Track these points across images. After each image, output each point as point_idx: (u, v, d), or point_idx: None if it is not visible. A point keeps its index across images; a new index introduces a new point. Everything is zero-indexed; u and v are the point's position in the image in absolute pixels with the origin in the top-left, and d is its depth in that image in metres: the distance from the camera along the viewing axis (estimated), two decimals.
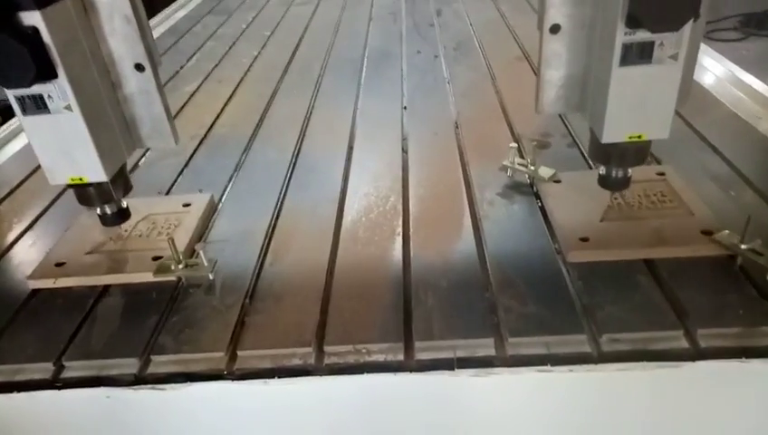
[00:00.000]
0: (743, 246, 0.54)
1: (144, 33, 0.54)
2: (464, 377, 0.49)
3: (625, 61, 0.50)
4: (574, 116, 0.86)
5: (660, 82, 0.51)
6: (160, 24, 1.61)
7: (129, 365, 0.51)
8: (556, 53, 0.55)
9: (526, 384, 0.50)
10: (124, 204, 0.64)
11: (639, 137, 0.55)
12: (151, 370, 0.51)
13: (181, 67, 1.26)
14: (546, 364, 0.49)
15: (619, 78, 0.51)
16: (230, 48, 1.35)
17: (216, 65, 1.25)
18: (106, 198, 0.61)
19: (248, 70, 1.20)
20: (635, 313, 0.51)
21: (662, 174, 0.67)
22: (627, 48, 0.50)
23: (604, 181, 0.61)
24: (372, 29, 1.40)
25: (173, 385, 0.50)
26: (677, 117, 0.83)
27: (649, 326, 0.50)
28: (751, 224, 0.53)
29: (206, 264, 0.59)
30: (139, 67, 0.57)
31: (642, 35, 0.49)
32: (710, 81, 0.96)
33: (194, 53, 1.34)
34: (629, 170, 0.59)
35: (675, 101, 0.53)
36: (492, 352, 0.50)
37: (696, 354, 0.48)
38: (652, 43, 0.50)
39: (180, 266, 0.59)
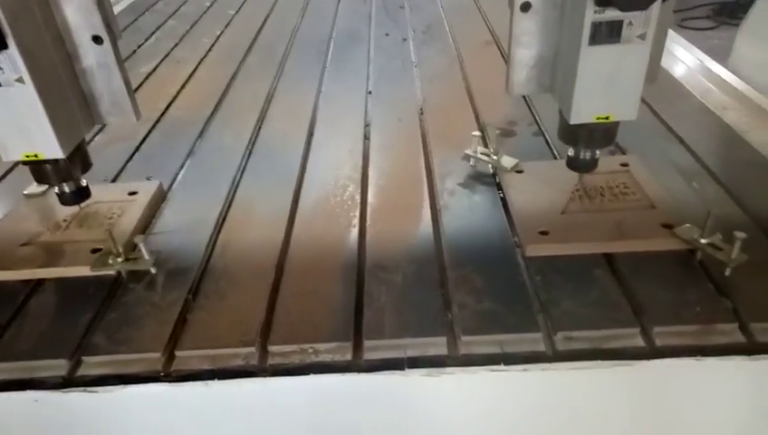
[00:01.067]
0: (702, 241, 0.53)
1: (101, 2, 0.51)
2: (415, 377, 0.47)
3: (594, 39, 0.49)
4: (540, 103, 0.84)
5: (629, 62, 0.50)
6: (122, 1, 1.54)
7: (59, 367, 0.48)
8: (527, 32, 0.53)
9: (479, 384, 0.48)
10: (84, 182, 0.61)
11: (607, 118, 0.53)
12: (82, 371, 0.48)
13: (139, 46, 1.20)
14: (499, 363, 0.47)
15: (588, 57, 0.50)
16: (192, 27, 1.29)
17: (176, 45, 1.20)
18: (63, 176, 0.58)
19: (209, 50, 1.16)
20: (592, 309, 0.49)
21: (626, 165, 0.66)
22: (596, 27, 0.48)
23: (572, 163, 0.59)
24: (341, 9, 1.35)
25: (106, 387, 0.47)
26: (644, 106, 0.82)
27: (605, 324, 0.48)
28: (711, 218, 0.52)
29: (147, 257, 0.56)
30: (96, 39, 0.53)
31: (611, 14, 0.48)
32: (680, 70, 0.94)
33: (153, 32, 1.28)
34: (597, 152, 0.58)
35: (642, 82, 0.51)
36: (444, 351, 0.48)
37: (652, 353, 0.46)
38: (621, 22, 0.48)
39: (120, 260, 0.56)
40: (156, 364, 0.48)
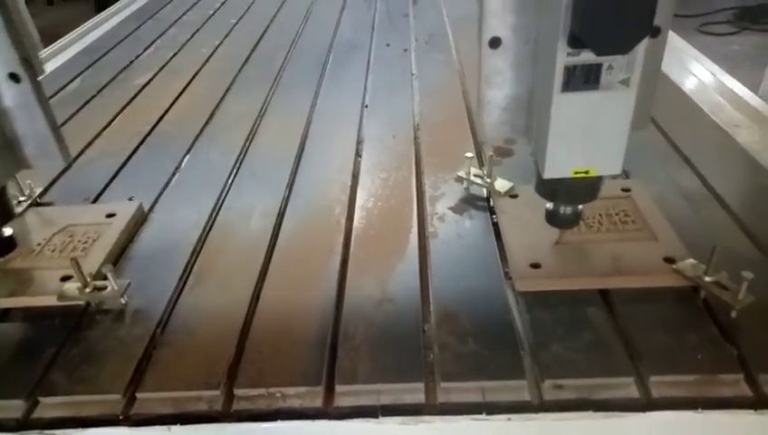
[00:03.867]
0: (707, 279, 0.49)
1: (19, 35, 0.47)
2: (390, 425, 0.44)
3: (567, 86, 0.43)
4: None
5: (609, 112, 0.44)
6: (126, 8, 1.53)
7: (15, 408, 0.45)
8: (498, 71, 0.48)
9: (459, 434, 0.44)
10: (7, 232, 0.57)
11: (587, 172, 0.48)
12: (38, 413, 0.45)
13: (137, 57, 1.18)
14: (481, 413, 0.43)
15: (562, 105, 0.44)
16: (192, 36, 1.28)
17: (174, 55, 1.18)
18: None
19: (206, 61, 1.13)
20: (583, 354, 0.46)
21: (627, 190, 0.62)
22: (570, 71, 0.42)
23: (551, 218, 0.54)
24: (344, 17, 1.33)
25: (64, 431, 0.44)
26: (652, 125, 0.78)
27: (598, 371, 0.44)
28: (717, 254, 0.48)
29: (115, 287, 0.53)
30: (13, 77, 0.50)
31: (588, 57, 0.42)
32: (690, 84, 0.90)
33: (153, 41, 1.26)
34: (580, 207, 0.53)
35: (627, 133, 0.46)
36: (421, 398, 0.44)
37: (647, 404, 0.43)
38: (599, 66, 0.43)
39: (87, 290, 0.53)
40: (115, 407, 0.45)
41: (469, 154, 0.65)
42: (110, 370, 0.47)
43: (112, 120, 0.91)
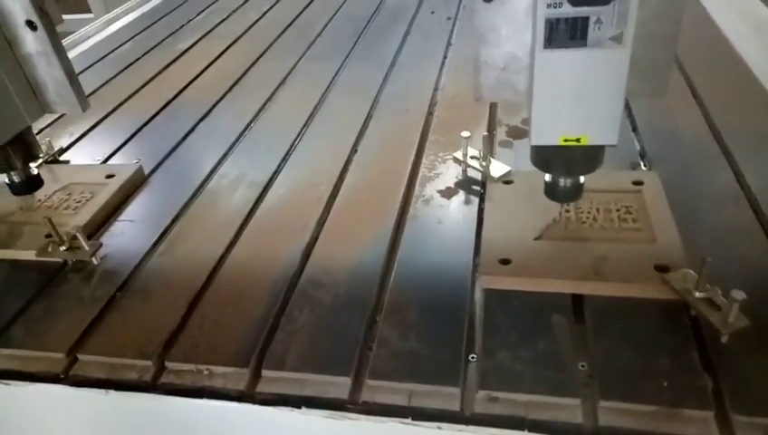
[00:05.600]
0: (696, 295, 0.41)
1: None
2: (314, 417, 0.42)
3: (550, 42, 0.38)
4: None
5: (600, 72, 0.39)
6: None
7: None
8: (492, 27, 0.44)
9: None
10: (34, 171, 0.61)
11: (578, 140, 0.42)
12: None
13: (189, 21, 1.21)
14: (407, 417, 0.40)
15: (545, 64, 0.39)
16: (245, 2, 1.28)
17: (222, 21, 1.19)
18: (6, 165, 0.58)
19: (251, 26, 1.13)
20: (531, 366, 0.41)
21: (639, 183, 0.54)
22: (552, 25, 0.38)
23: (550, 191, 0.49)
24: None
25: (13, 382, 0.46)
26: (697, 110, 0.68)
27: (541, 387, 0.39)
28: (707, 266, 0.41)
29: (86, 248, 0.54)
30: (30, 24, 0.52)
31: (571, 9, 0.37)
32: (751, 53, 0.77)
33: (207, 6, 1.28)
34: (581, 178, 0.47)
35: (622, 97, 0.40)
36: (344, 394, 0.41)
37: (590, 433, 0.37)
38: (586, 20, 0.37)
39: (63, 248, 0.55)
40: (58, 366, 0.46)
41: (465, 133, 0.60)
42: (61, 328, 0.48)
43: (146, 84, 0.94)
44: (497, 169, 0.58)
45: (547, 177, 0.48)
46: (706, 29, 0.88)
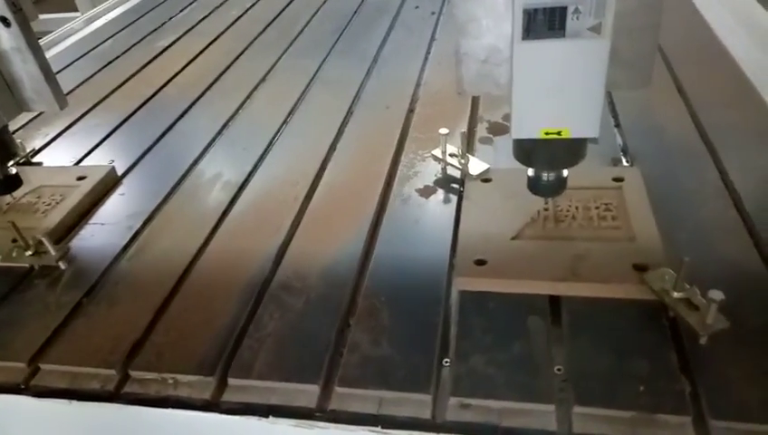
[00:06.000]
0: (674, 295, 0.40)
1: None
2: (282, 426, 0.40)
3: (528, 33, 0.37)
4: None
5: (580, 63, 0.38)
6: None
7: None
8: (473, 18, 0.42)
9: None
10: (13, 171, 0.59)
11: (559, 133, 0.41)
12: None
13: (170, 18, 1.19)
14: (376, 425, 0.39)
15: (524, 55, 0.38)
16: None
17: (204, 17, 1.17)
18: None
19: (233, 23, 1.11)
20: (505, 371, 0.39)
21: (620, 180, 0.53)
22: (530, 15, 0.36)
23: (533, 185, 0.47)
24: None
25: None
26: (683, 107, 0.66)
27: (515, 393, 0.38)
28: (686, 266, 0.39)
29: (53, 253, 0.53)
30: (3, 21, 0.50)
31: None
32: (739, 49, 0.76)
33: (190, 3, 1.26)
34: (564, 172, 0.46)
35: (602, 88, 0.39)
36: (312, 403, 0.40)
37: None
38: (564, 10, 0.36)
39: (28, 253, 0.53)
40: (19, 376, 0.45)
41: (444, 130, 0.59)
42: (25, 336, 0.47)
43: (125, 82, 0.92)
44: (476, 166, 0.57)
45: (530, 171, 0.47)
46: (694, 24, 0.86)
